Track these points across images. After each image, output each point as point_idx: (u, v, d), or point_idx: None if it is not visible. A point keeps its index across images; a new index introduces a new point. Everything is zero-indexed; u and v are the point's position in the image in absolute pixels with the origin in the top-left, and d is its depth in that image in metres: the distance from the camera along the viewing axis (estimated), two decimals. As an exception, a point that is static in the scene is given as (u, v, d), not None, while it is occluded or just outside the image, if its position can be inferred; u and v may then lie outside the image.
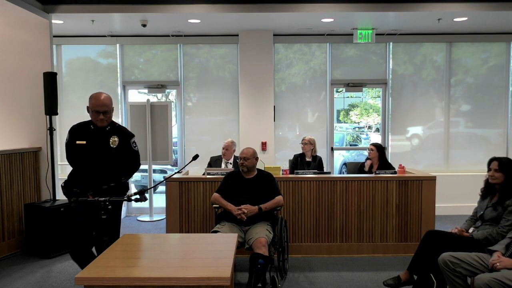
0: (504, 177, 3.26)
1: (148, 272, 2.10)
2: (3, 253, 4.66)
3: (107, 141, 3.21)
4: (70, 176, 3.25)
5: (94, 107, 3.16)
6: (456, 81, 6.83)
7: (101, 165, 3.18)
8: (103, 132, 3.23)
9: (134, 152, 3.34)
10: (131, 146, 3.31)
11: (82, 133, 3.23)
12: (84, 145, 3.19)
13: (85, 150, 3.18)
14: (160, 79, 6.80)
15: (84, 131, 3.24)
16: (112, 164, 3.20)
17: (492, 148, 6.84)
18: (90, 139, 3.20)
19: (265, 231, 3.57)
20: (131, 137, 3.35)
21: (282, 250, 3.90)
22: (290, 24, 5.99)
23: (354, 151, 8.25)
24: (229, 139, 5.57)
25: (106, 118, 3.19)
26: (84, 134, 3.22)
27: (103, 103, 3.16)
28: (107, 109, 3.18)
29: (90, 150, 3.17)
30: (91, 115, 3.20)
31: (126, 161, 3.29)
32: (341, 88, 6.94)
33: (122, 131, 3.33)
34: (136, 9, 5.23)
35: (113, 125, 3.30)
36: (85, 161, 3.19)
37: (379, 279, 3.89)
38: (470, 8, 5.26)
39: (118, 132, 3.29)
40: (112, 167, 3.20)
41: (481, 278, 2.66)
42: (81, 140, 3.19)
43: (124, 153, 3.27)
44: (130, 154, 3.30)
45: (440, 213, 5.52)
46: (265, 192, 3.84)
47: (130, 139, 3.32)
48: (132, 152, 3.32)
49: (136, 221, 6.40)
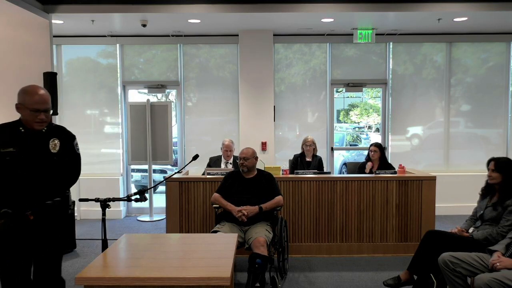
0: (501, 177, 3.26)
1: (148, 272, 2.10)
2: (3, 253, 4.65)
3: (46, 145, 2.60)
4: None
5: (32, 105, 2.53)
6: (456, 81, 6.83)
7: (40, 176, 2.56)
8: (39, 135, 2.60)
9: (77, 155, 2.76)
10: (74, 149, 2.74)
11: (9, 137, 2.56)
12: (13, 153, 2.52)
13: (16, 159, 2.52)
14: (160, 79, 6.80)
15: (12, 135, 2.57)
16: (54, 173, 2.60)
17: (492, 148, 6.83)
18: (22, 145, 2.55)
19: (264, 231, 3.57)
20: (74, 139, 2.76)
21: (282, 250, 3.90)
22: (290, 24, 5.98)
23: (354, 151, 8.25)
24: (227, 139, 5.55)
25: (47, 119, 2.60)
26: (12, 139, 2.55)
27: (44, 99, 2.56)
28: (49, 107, 2.59)
29: (23, 159, 2.53)
30: (27, 115, 2.55)
31: (70, 168, 2.71)
32: (341, 88, 6.94)
33: (63, 132, 2.74)
34: (136, 9, 5.23)
35: (50, 125, 2.68)
36: (17, 173, 2.52)
37: (379, 279, 3.88)
38: (470, 8, 5.25)
39: (58, 134, 2.68)
40: (55, 177, 2.61)
41: (481, 278, 2.66)
42: (8, 147, 2.52)
43: (67, 158, 2.68)
44: (73, 158, 2.72)
45: (440, 213, 5.51)
46: (265, 192, 3.85)
47: (73, 141, 2.75)
48: (74, 156, 2.73)
49: (136, 221, 6.41)
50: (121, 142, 6.81)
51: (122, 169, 6.83)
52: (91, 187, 6.36)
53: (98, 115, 6.89)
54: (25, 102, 2.55)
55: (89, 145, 6.72)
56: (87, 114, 6.86)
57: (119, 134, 6.82)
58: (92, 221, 6.23)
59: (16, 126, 2.61)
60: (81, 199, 2.82)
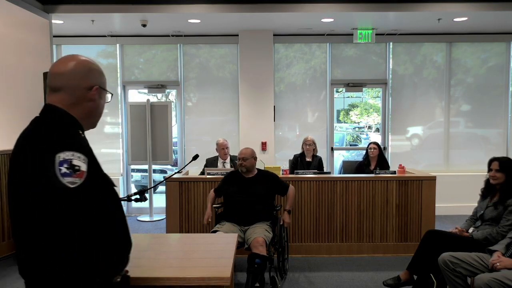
0: (505, 177, 3.26)
1: (148, 272, 2.10)
2: (3, 253, 4.66)
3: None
4: None
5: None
6: (456, 81, 6.83)
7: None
8: None
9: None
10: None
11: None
12: None
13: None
14: (160, 79, 6.80)
15: None
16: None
17: (492, 148, 6.83)
18: None
19: (263, 231, 3.57)
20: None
21: (281, 250, 3.90)
22: (290, 24, 5.99)
23: (354, 151, 8.25)
24: (221, 138, 5.55)
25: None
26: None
27: None
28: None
29: None
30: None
31: None
32: (341, 88, 6.94)
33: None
34: (136, 9, 5.23)
35: None
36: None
37: (379, 279, 3.88)
38: (470, 8, 5.26)
39: None
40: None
41: (481, 278, 2.66)
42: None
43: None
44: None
45: (440, 213, 5.51)
46: (265, 190, 3.83)
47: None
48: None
49: (136, 221, 6.40)
50: (121, 142, 6.81)
51: (122, 169, 6.84)
52: (91, 187, 6.35)
53: (98, 115, 6.88)
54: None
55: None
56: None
57: (119, 134, 6.82)
58: (92, 221, 6.22)
59: None
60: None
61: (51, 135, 1.35)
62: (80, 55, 1.49)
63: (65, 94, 1.43)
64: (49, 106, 1.44)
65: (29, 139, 1.40)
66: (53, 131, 1.37)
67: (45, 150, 1.31)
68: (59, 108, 1.42)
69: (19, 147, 1.43)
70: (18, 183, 1.35)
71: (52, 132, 1.37)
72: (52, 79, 1.45)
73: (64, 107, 1.43)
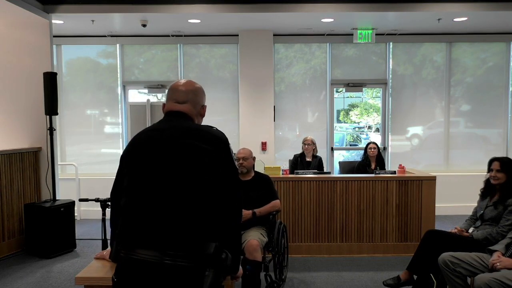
0: (506, 177, 3.26)
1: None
2: (3, 253, 4.66)
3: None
4: None
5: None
6: (456, 81, 6.83)
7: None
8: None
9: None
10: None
11: None
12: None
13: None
14: (160, 79, 6.79)
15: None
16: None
17: (492, 148, 6.83)
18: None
19: (258, 234, 3.45)
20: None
21: (280, 256, 3.69)
22: (290, 24, 5.98)
23: (354, 151, 8.24)
24: None
25: None
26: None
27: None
28: None
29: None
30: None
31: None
32: (341, 88, 6.94)
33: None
34: (136, 9, 5.23)
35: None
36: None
37: (379, 279, 3.88)
38: (470, 8, 5.25)
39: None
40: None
41: (481, 278, 2.66)
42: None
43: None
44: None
45: (440, 213, 5.51)
46: (261, 196, 3.67)
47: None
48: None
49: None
50: (121, 142, 6.81)
51: (122, 169, 6.82)
52: (91, 187, 6.35)
53: (98, 115, 6.88)
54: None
55: (89, 145, 6.72)
56: (87, 114, 6.86)
57: (119, 134, 6.82)
58: (92, 221, 6.22)
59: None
60: (81, 199, 2.83)
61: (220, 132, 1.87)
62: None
63: (191, 106, 1.91)
64: (181, 113, 1.88)
65: (198, 132, 1.78)
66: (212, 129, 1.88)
67: (224, 142, 1.79)
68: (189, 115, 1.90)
69: (184, 137, 1.74)
70: (197, 167, 1.67)
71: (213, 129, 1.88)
72: (179, 94, 1.87)
73: (193, 116, 1.91)
